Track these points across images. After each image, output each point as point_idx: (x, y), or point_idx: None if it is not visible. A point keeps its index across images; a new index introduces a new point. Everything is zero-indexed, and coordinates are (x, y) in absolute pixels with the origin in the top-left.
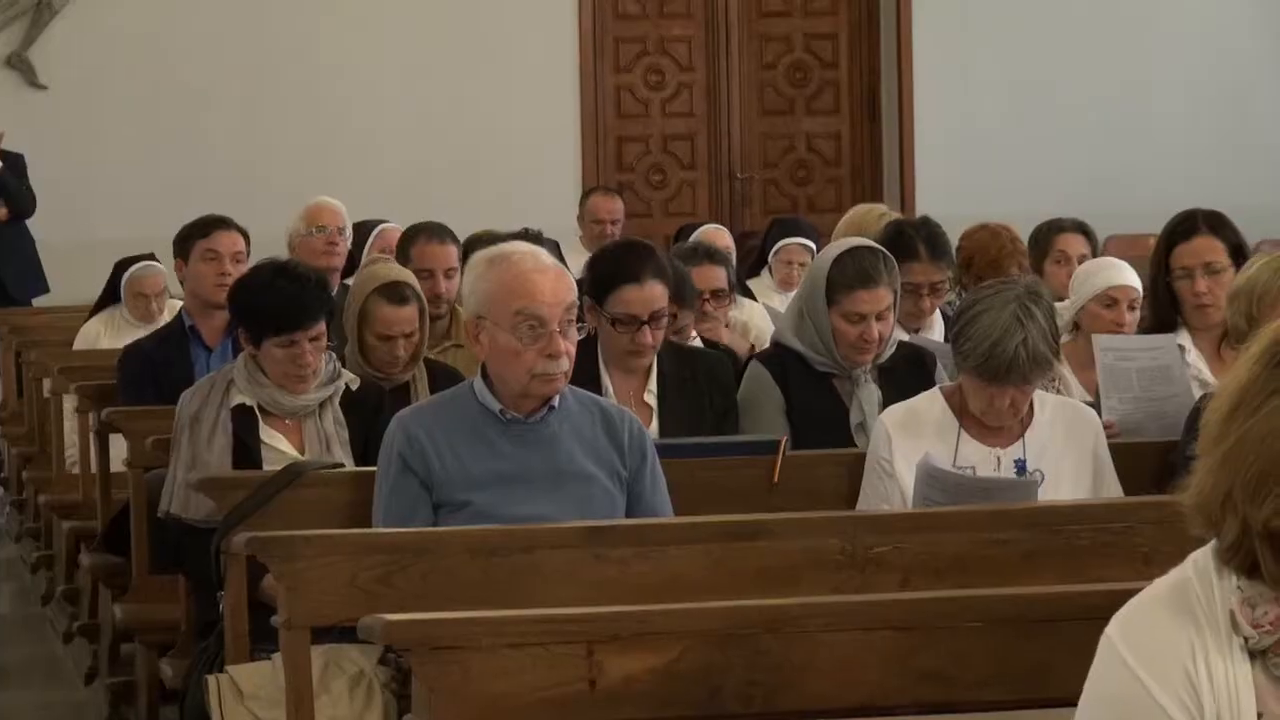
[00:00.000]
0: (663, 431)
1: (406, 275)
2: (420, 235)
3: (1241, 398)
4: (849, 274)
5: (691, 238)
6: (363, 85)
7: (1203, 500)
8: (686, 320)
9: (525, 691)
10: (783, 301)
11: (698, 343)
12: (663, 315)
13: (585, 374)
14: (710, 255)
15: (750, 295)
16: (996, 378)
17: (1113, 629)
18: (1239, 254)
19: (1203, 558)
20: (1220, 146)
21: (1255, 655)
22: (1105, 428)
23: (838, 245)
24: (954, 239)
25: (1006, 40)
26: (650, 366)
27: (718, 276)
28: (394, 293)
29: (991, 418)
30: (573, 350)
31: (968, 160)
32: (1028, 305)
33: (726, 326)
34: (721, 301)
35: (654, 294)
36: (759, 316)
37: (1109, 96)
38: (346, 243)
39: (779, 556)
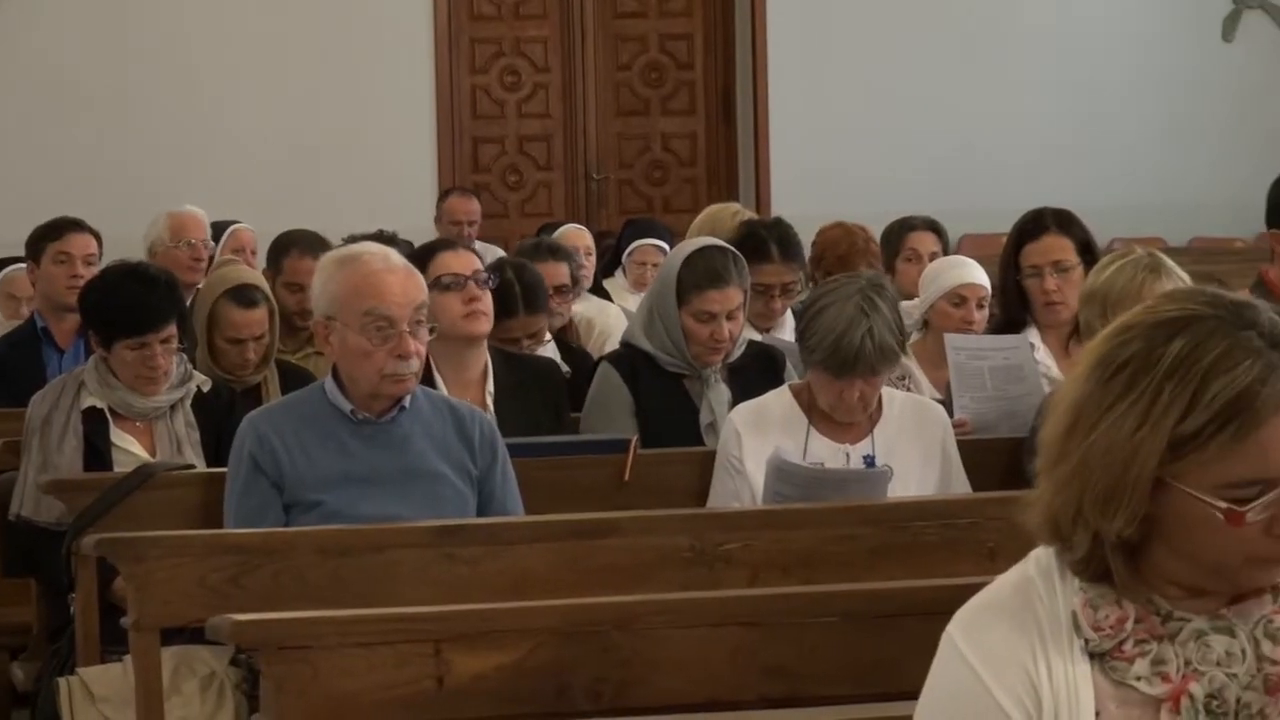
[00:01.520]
0: (501, 433)
1: (256, 278)
2: (293, 248)
3: (1079, 414)
4: (699, 274)
5: (552, 238)
6: (219, 86)
7: (1051, 516)
8: (540, 324)
9: (373, 690)
10: (637, 302)
11: (552, 344)
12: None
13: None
14: (553, 251)
15: (606, 296)
16: (844, 370)
17: (954, 626)
18: (1088, 252)
19: (1045, 556)
20: (1073, 147)
21: (1095, 657)
22: (957, 426)
23: (688, 245)
24: (810, 238)
25: (861, 40)
26: (486, 369)
27: (560, 272)
28: (243, 296)
29: (841, 412)
30: (423, 351)
31: (823, 160)
32: (871, 297)
33: (571, 321)
34: (565, 296)
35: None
36: (614, 317)
37: (963, 97)
38: (210, 254)
39: (628, 554)
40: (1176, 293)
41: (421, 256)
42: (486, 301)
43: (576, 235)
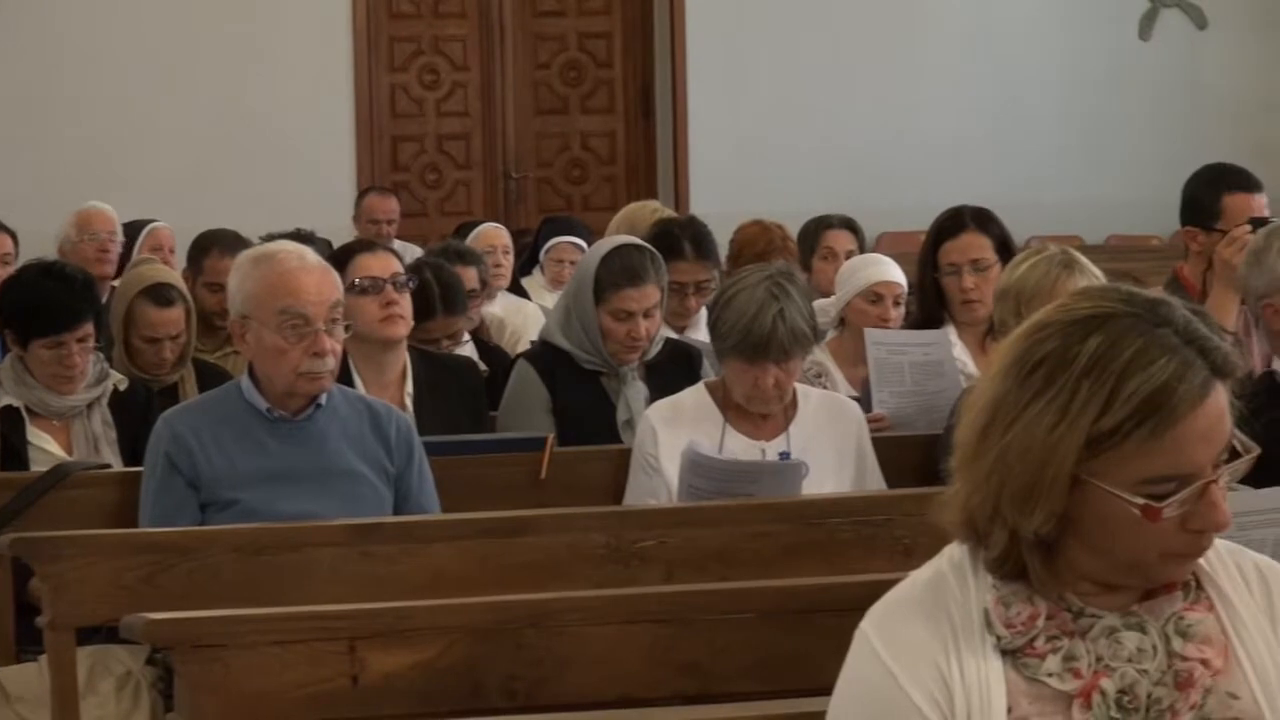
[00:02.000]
0: (421, 433)
1: (172, 277)
2: (213, 248)
3: (995, 412)
4: (616, 272)
5: (470, 236)
6: (138, 85)
7: (968, 515)
8: (459, 325)
9: (288, 689)
10: (555, 300)
11: (470, 343)
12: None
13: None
14: (461, 255)
15: (524, 294)
16: (757, 354)
17: (867, 623)
18: (1005, 250)
19: (958, 553)
20: (991, 145)
21: (1007, 654)
22: (876, 421)
23: (605, 243)
24: (729, 236)
25: (780, 39)
26: (405, 369)
27: (469, 276)
28: (159, 295)
29: (757, 402)
30: (339, 349)
31: (742, 158)
32: (780, 283)
33: (482, 321)
34: (474, 300)
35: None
36: (532, 315)
37: (881, 95)
38: (118, 248)
39: (544, 552)
40: (1092, 290)
41: (340, 258)
42: (405, 304)
43: (494, 234)
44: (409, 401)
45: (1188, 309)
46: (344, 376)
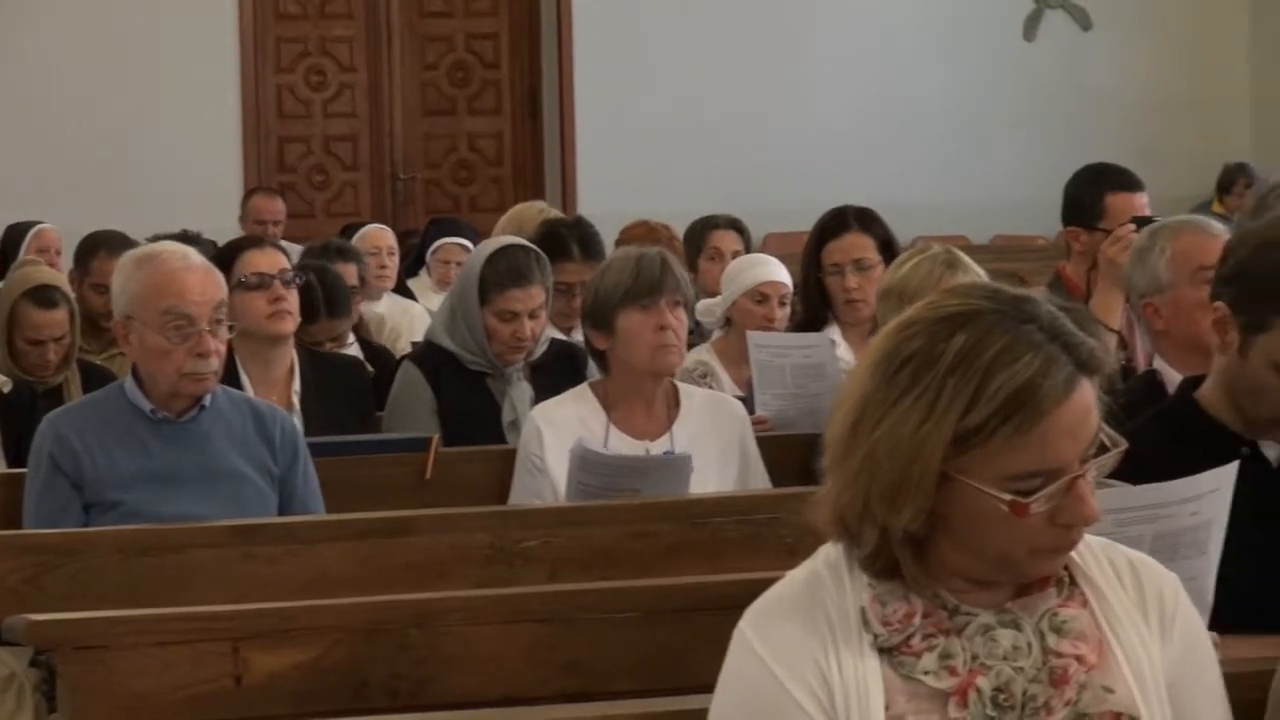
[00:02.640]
0: (307, 432)
1: (55, 278)
2: (100, 249)
3: (863, 410)
4: (501, 273)
5: (355, 237)
6: (23, 86)
7: (839, 513)
8: (343, 327)
9: (170, 690)
10: (441, 301)
11: (355, 344)
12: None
13: (224, 379)
14: (341, 252)
15: (410, 295)
16: (651, 291)
17: (745, 622)
18: (889, 250)
19: (834, 552)
20: (877, 145)
21: (884, 651)
22: (758, 423)
23: (490, 244)
24: (616, 237)
25: (667, 39)
26: (292, 367)
27: (348, 273)
28: (43, 296)
29: (660, 355)
30: (223, 349)
31: (629, 159)
32: (650, 248)
33: (361, 319)
34: (354, 296)
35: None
36: (418, 316)
37: (769, 95)
38: None
39: (428, 552)
40: (958, 288)
41: (227, 254)
42: (292, 300)
43: (379, 235)
44: (296, 400)
45: (1053, 305)
46: (230, 374)
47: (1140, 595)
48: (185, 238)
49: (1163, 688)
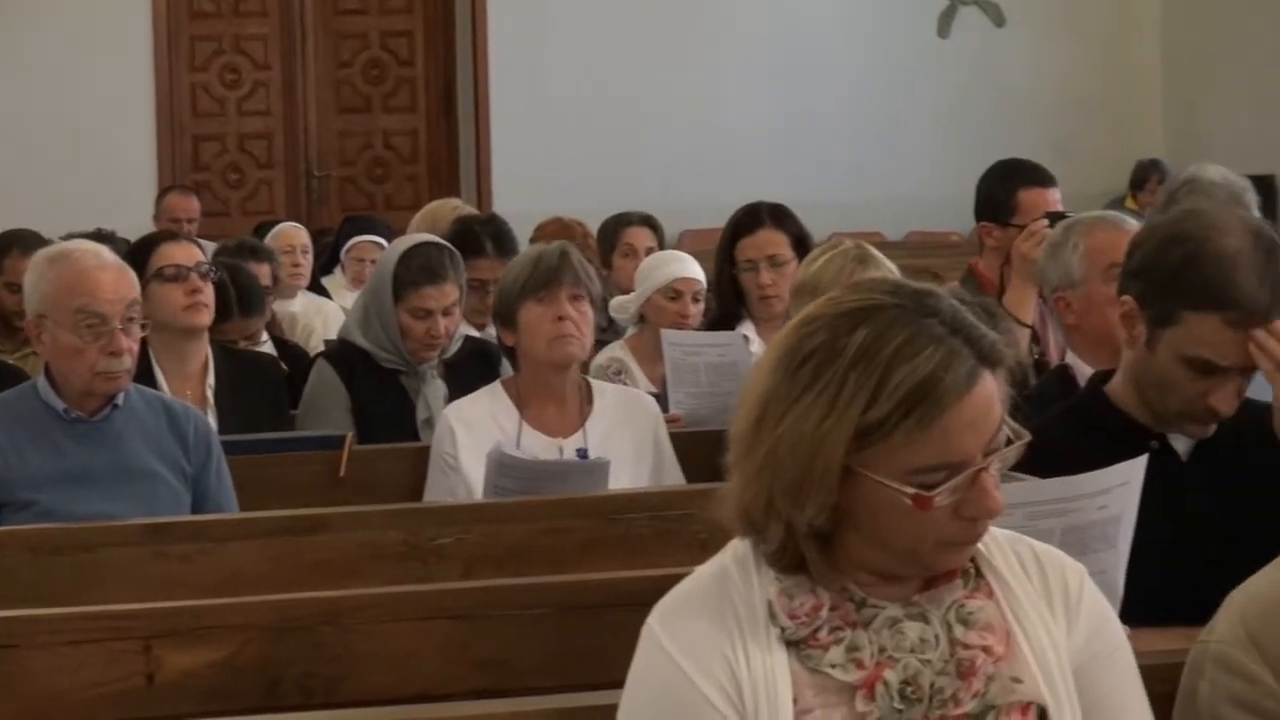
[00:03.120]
0: (221, 429)
1: None
2: (13, 248)
3: (766, 406)
4: (415, 270)
5: (268, 236)
6: None
7: (744, 508)
8: (256, 326)
9: (83, 688)
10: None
11: (269, 342)
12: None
13: (138, 374)
14: (254, 251)
15: (324, 293)
16: (550, 283)
17: (653, 619)
18: (802, 246)
19: (741, 547)
20: (791, 142)
21: (791, 645)
22: (672, 421)
23: (404, 241)
24: (530, 234)
25: (581, 37)
26: (206, 362)
27: (261, 273)
28: None
29: (558, 346)
30: (135, 348)
31: (544, 156)
32: (554, 243)
33: (274, 317)
34: (267, 295)
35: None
36: (332, 314)
37: (684, 93)
38: None
39: (341, 550)
40: (860, 283)
41: (143, 248)
42: (208, 293)
43: (292, 233)
44: (210, 396)
45: (954, 299)
46: (145, 369)
47: (1045, 585)
48: (99, 236)
49: (1069, 676)
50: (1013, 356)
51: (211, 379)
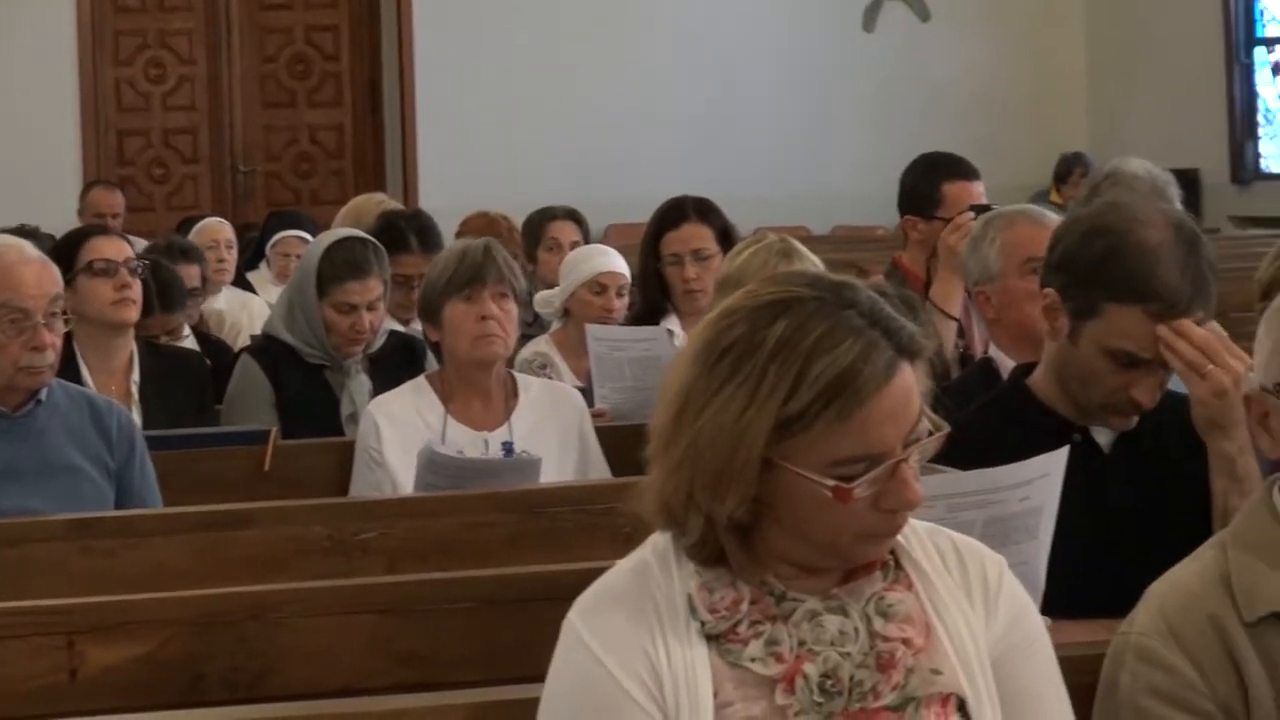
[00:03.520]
0: (146, 424)
1: None
2: None
3: (686, 399)
4: (338, 265)
5: (192, 231)
6: None
7: (664, 502)
8: (177, 322)
9: (5, 683)
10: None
11: (191, 337)
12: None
13: (62, 368)
14: (184, 252)
15: (249, 288)
16: (473, 283)
17: (574, 613)
18: (727, 240)
19: (662, 541)
20: (718, 137)
21: (711, 639)
22: (597, 415)
23: (328, 236)
24: (456, 229)
25: (506, 32)
26: (131, 358)
27: (191, 274)
28: None
29: (482, 345)
30: (58, 343)
31: (470, 151)
32: (479, 239)
33: (201, 316)
34: (195, 300)
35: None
36: (257, 310)
37: (610, 86)
38: None
39: (266, 545)
40: (778, 275)
41: (74, 241)
42: (136, 290)
43: (216, 228)
44: (135, 391)
45: (873, 290)
46: (69, 364)
47: (965, 577)
48: (23, 232)
49: (988, 668)
50: (931, 348)
51: (136, 374)
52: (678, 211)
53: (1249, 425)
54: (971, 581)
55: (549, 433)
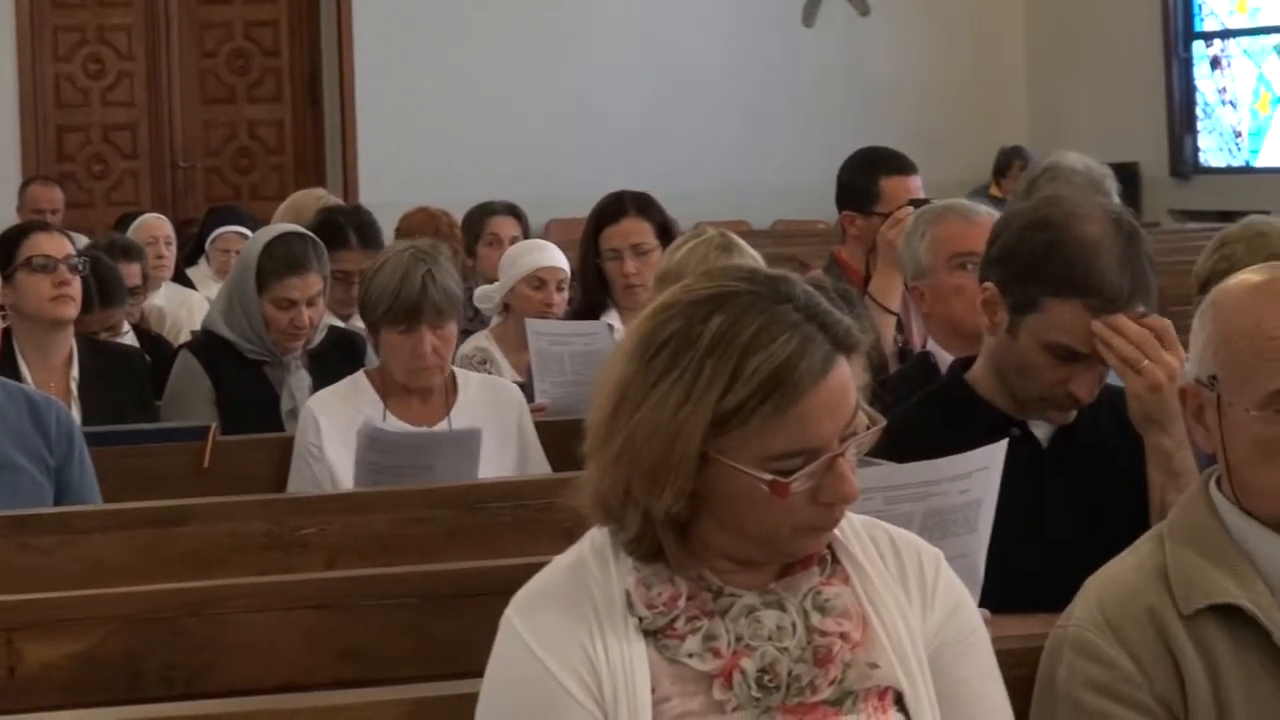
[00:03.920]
0: (85, 421)
1: None
2: None
3: (623, 395)
4: (278, 260)
5: (131, 228)
6: None
7: (601, 497)
8: (116, 318)
9: None
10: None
11: (131, 333)
12: None
13: (0, 364)
14: (125, 251)
15: (189, 284)
16: (411, 318)
17: (511, 610)
18: (666, 234)
19: (599, 536)
20: (659, 132)
21: (649, 634)
22: (537, 410)
23: (267, 232)
24: (396, 224)
25: (446, 27)
26: (71, 354)
27: (132, 272)
28: None
29: (417, 375)
30: None
31: (410, 147)
32: (424, 251)
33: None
34: (136, 298)
35: None
36: (197, 306)
37: (550, 82)
38: None
39: (205, 541)
40: (715, 270)
41: (14, 237)
42: (76, 286)
43: (155, 224)
44: (74, 387)
45: (809, 284)
46: (8, 360)
47: (901, 570)
48: None
49: (925, 661)
50: (868, 342)
51: (75, 371)
52: (616, 206)
53: (1185, 419)
54: (908, 575)
55: (488, 428)
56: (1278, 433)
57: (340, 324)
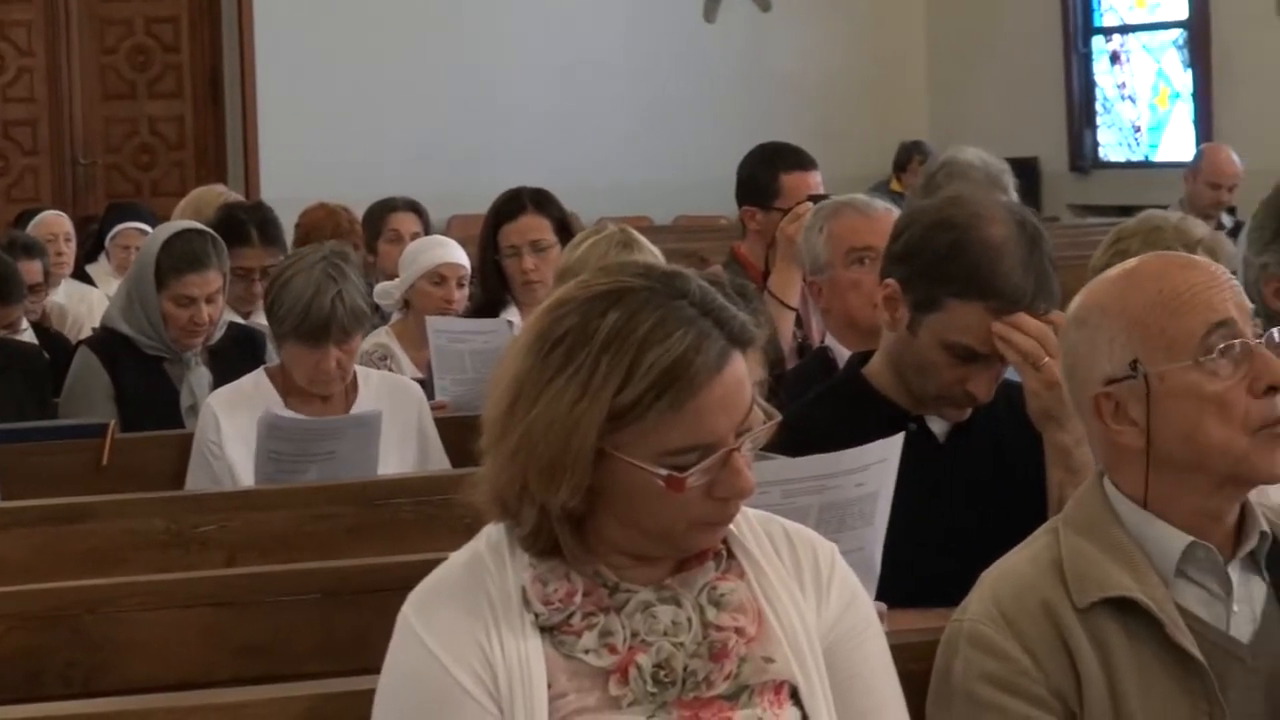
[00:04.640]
0: None
1: None
2: None
3: (519, 390)
4: (178, 257)
5: (31, 225)
6: None
7: (498, 493)
8: (15, 315)
9: None
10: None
11: (29, 330)
12: None
13: None
14: (26, 249)
15: (89, 281)
16: (316, 337)
17: (408, 607)
18: (565, 231)
19: (496, 532)
20: (560, 127)
21: (545, 631)
22: (438, 408)
23: (167, 228)
24: (296, 220)
25: (347, 24)
26: None
27: (33, 270)
28: None
29: (319, 385)
30: None
31: (311, 142)
32: (336, 264)
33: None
34: (38, 295)
35: None
36: (97, 303)
37: (452, 78)
38: None
39: (104, 538)
40: (611, 266)
41: None
42: None
43: (55, 221)
44: None
45: (704, 280)
46: None
47: (796, 564)
48: None
49: (820, 655)
50: (763, 337)
51: None
52: (514, 203)
53: (1095, 428)
54: (803, 569)
55: (389, 425)
56: (1225, 378)
57: (241, 320)
